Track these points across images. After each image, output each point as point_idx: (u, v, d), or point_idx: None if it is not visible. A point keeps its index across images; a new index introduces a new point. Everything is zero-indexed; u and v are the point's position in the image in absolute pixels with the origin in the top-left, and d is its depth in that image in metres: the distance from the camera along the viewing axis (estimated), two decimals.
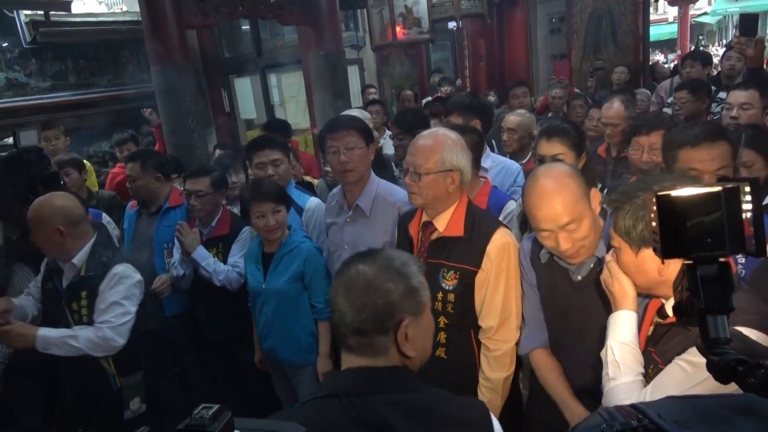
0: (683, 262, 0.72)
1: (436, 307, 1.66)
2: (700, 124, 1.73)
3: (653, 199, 0.70)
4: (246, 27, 6.65)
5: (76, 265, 1.97)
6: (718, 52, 12.32)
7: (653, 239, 0.73)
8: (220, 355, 2.69)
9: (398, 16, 5.78)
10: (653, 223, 0.71)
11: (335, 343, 2.33)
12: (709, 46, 15.78)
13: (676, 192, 0.69)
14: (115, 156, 4.54)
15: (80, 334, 1.88)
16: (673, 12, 14.45)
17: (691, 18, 14.12)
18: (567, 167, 1.50)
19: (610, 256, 1.27)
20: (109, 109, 5.90)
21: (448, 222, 1.68)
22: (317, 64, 4.74)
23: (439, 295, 1.65)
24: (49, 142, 3.73)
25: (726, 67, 3.98)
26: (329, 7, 4.68)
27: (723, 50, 8.34)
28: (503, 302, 1.62)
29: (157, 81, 3.91)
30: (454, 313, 1.65)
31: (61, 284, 2.00)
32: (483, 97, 2.96)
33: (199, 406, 0.92)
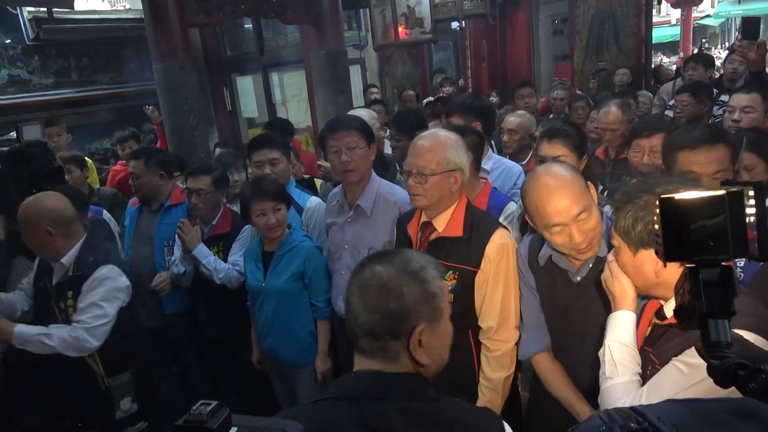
0: (684, 265, 0.72)
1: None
2: (699, 127, 1.72)
3: (656, 201, 0.70)
4: (248, 25, 6.66)
5: (65, 265, 1.98)
6: (720, 54, 12.32)
7: (655, 242, 0.72)
8: (220, 354, 2.69)
9: (401, 16, 5.77)
10: (656, 226, 0.71)
11: (334, 342, 2.33)
12: (712, 49, 15.77)
13: (680, 195, 0.69)
14: (117, 153, 4.54)
15: (54, 333, 1.88)
16: (675, 14, 14.43)
17: (694, 20, 14.08)
18: (564, 164, 1.51)
19: (612, 255, 1.27)
20: (111, 106, 5.89)
21: (448, 222, 1.68)
22: (319, 64, 4.74)
23: None
24: (52, 139, 3.74)
25: (728, 70, 3.97)
26: (332, 7, 4.68)
27: (726, 53, 8.35)
28: (502, 302, 1.62)
29: (159, 79, 3.90)
30: (453, 314, 1.61)
31: (51, 282, 2.01)
32: (485, 99, 2.94)
33: (198, 402, 0.92)
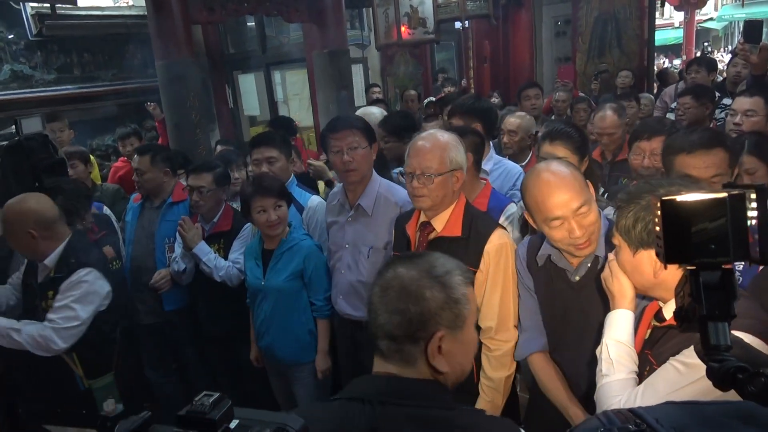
0: (684, 268, 0.72)
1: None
2: (698, 131, 1.71)
3: (658, 203, 0.70)
4: (251, 24, 6.66)
5: (48, 266, 1.98)
6: (723, 57, 12.31)
7: (656, 243, 0.72)
8: (220, 352, 2.69)
9: (403, 16, 5.77)
10: (657, 228, 0.71)
11: (333, 342, 2.33)
12: (715, 52, 15.76)
13: (681, 197, 0.69)
14: (118, 150, 4.54)
15: (24, 329, 1.88)
16: (679, 17, 14.41)
17: (697, 23, 14.08)
18: (564, 161, 1.52)
19: (613, 255, 1.28)
20: (113, 102, 5.90)
21: (447, 222, 1.69)
22: (321, 62, 4.74)
23: None
24: (54, 135, 3.73)
25: (731, 74, 3.97)
26: (334, 6, 4.68)
27: (729, 56, 8.34)
28: (501, 302, 1.63)
29: (161, 75, 3.90)
30: None
31: (37, 281, 2.01)
32: (486, 100, 2.93)
33: (200, 394, 0.93)
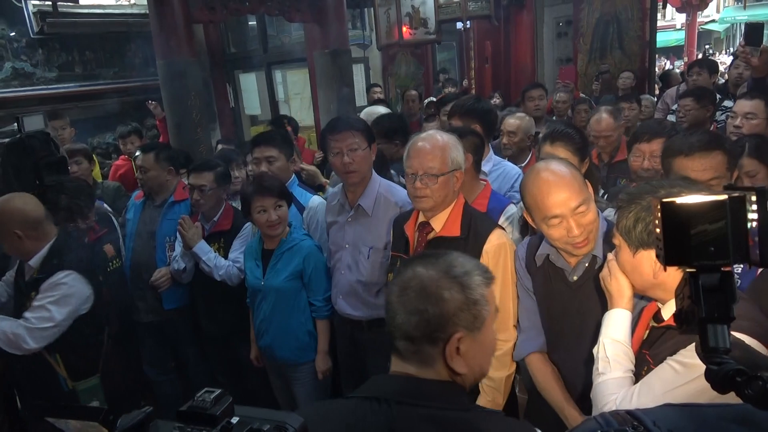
0: (684, 270, 0.72)
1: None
2: (697, 133, 1.71)
3: (658, 205, 0.70)
4: (253, 23, 6.66)
5: (32, 266, 1.99)
6: (725, 60, 12.30)
7: (656, 245, 0.72)
8: (220, 350, 2.69)
9: (405, 16, 5.77)
10: (657, 230, 0.71)
11: (333, 342, 2.33)
12: (717, 54, 15.75)
13: (681, 199, 0.68)
14: (119, 148, 4.54)
15: None
16: (680, 18, 14.41)
17: (699, 25, 14.08)
18: (563, 160, 1.52)
19: (612, 254, 1.28)
20: (114, 100, 5.90)
21: (445, 222, 1.69)
22: (323, 62, 4.74)
23: None
24: (55, 132, 3.73)
25: (733, 76, 3.97)
26: (336, 5, 4.68)
27: (731, 58, 8.33)
28: (500, 302, 1.62)
29: (162, 74, 3.90)
30: None
31: (24, 280, 2.02)
32: (486, 101, 2.91)
33: (202, 390, 0.93)
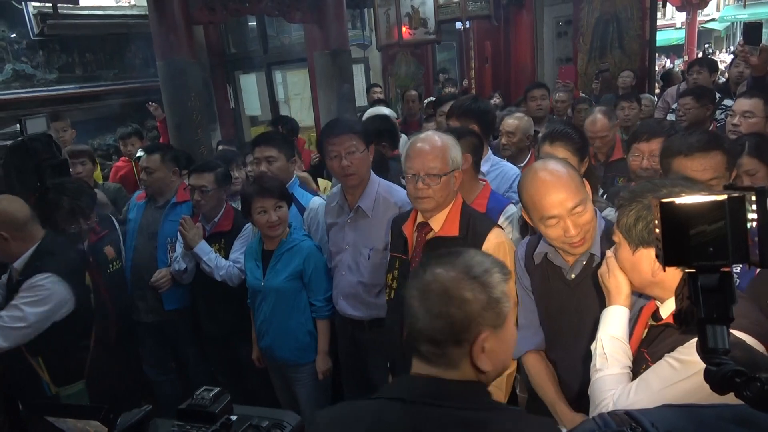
0: (683, 270, 0.72)
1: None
2: (696, 133, 1.71)
3: (657, 205, 0.70)
4: (252, 24, 6.66)
5: (17, 268, 1.99)
6: (725, 58, 12.28)
7: (656, 245, 0.72)
8: (220, 351, 2.69)
9: (404, 16, 5.77)
10: (657, 230, 0.71)
11: (334, 342, 2.33)
12: (717, 53, 15.74)
13: (680, 200, 0.68)
14: (119, 149, 4.55)
15: None
16: (681, 17, 14.39)
17: (699, 24, 14.06)
18: (561, 160, 1.52)
19: (611, 251, 1.28)
20: (115, 102, 5.90)
21: (444, 222, 1.70)
22: (322, 62, 4.74)
23: None
24: (57, 134, 3.74)
25: (734, 74, 3.97)
26: (335, 6, 4.68)
27: (731, 57, 8.31)
28: None
29: (162, 75, 3.91)
30: None
31: (12, 281, 2.02)
32: (483, 101, 2.88)
33: (201, 388, 0.93)
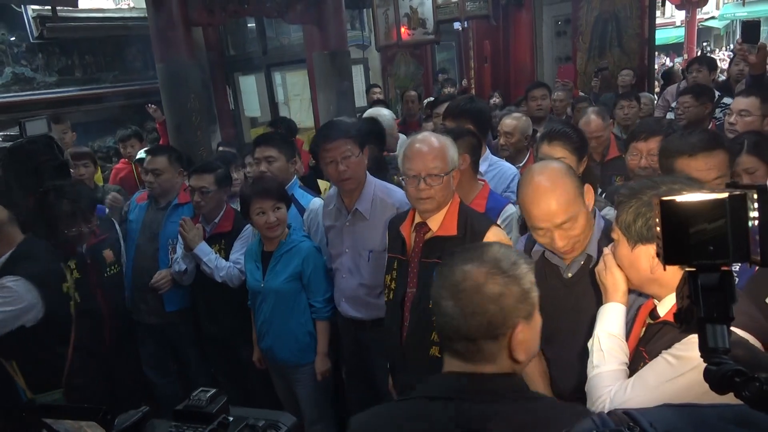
0: (684, 269, 0.72)
1: (431, 306, 1.66)
2: (696, 133, 1.71)
3: (658, 203, 0.70)
4: (252, 25, 6.67)
5: None
6: (725, 56, 12.28)
7: (657, 244, 0.72)
8: (221, 352, 2.69)
9: (403, 17, 5.76)
10: (657, 228, 0.71)
11: (337, 343, 2.33)
12: (716, 51, 15.74)
13: (681, 198, 0.68)
14: (119, 151, 4.55)
15: None
16: (680, 16, 14.39)
17: (699, 22, 14.06)
18: (561, 165, 1.48)
19: (609, 249, 1.28)
20: (114, 104, 5.91)
21: (442, 222, 1.70)
22: (322, 63, 4.74)
23: None
24: (58, 136, 3.74)
25: (734, 72, 3.97)
26: (334, 7, 4.68)
27: (731, 55, 8.32)
28: None
29: (161, 77, 3.91)
30: None
31: None
32: (479, 101, 2.85)
33: (197, 389, 0.93)
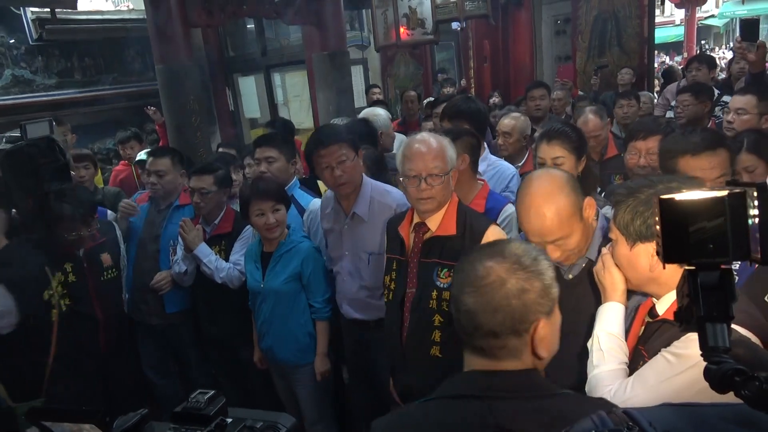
0: (683, 267, 0.71)
1: (431, 305, 1.67)
2: (697, 132, 1.71)
3: (657, 202, 0.69)
4: (251, 26, 6.67)
5: None
6: (725, 55, 12.28)
7: (657, 242, 0.72)
8: (221, 353, 2.69)
9: (402, 17, 5.75)
10: (657, 227, 0.71)
11: (339, 343, 2.33)
12: (716, 49, 15.73)
13: (680, 196, 0.68)
14: (119, 153, 4.56)
15: None
16: (680, 14, 14.36)
17: (698, 21, 14.04)
18: (562, 177, 1.43)
19: (607, 248, 1.28)
20: (114, 106, 5.91)
21: (441, 221, 1.70)
22: (321, 64, 4.74)
23: (434, 294, 1.66)
24: (59, 139, 3.74)
25: (735, 71, 3.98)
26: (333, 7, 4.68)
27: (731, 53, 8.32)
28: None
29: (161, 79, 3.91)
30: (449, 311, 1.65)
31: None
32: (476, 101, 2.83)
33: (196, 391, 0.93)
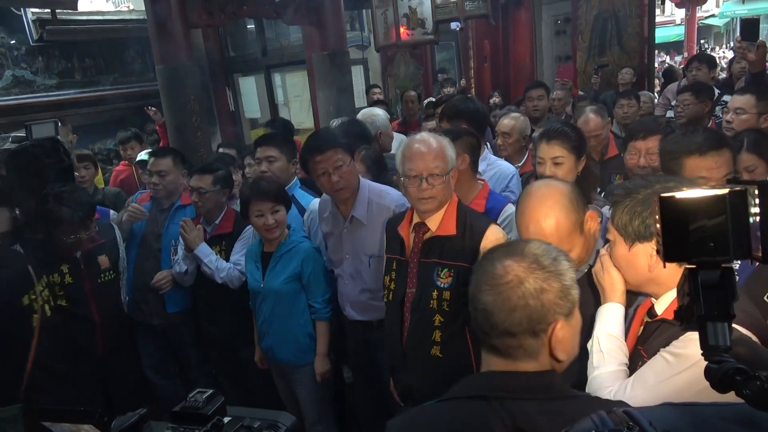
0: (684, 266, 0.71)
1: (431, 305, 1.67)
2: (700, 132, 1.72)
3: (657, 200, 0.69)
4: (251, 26, 6.67)
5: None
6: (725, 54, 12.28)
7: (657, 241, 0.71)
8: (222, 353, 2.69)
9: (402, 17, 5.74)
10: (657, 225, 0.70)
11: (342, 343, 2.33)
12: (716, 48, 15.73)
13: (681, 194, 0.67)
14: (119, 154, 4.56)
15: None
16: (680, 14, 14.35)
17: (699, 20, 14.03)
18: (562, 192, 1.38)
19: (605, 249, 1.27)
20: (115, 107, 5.92)
21: (441, 221, 1.70)
22: (321, 64, 4.73)
23: (435, 294, 1.66)
24: (63, 139, 3.75)
25: (737, 70, 3.97)
26: (333, 7, 4.68)
27: (731, 53, 8.32)
28: None
29: (161, 79, 3.91)
30: (450, 311, 1.66)
31: None
32: (475, 101, 2.81)
33: (194, 391, 0.93)
